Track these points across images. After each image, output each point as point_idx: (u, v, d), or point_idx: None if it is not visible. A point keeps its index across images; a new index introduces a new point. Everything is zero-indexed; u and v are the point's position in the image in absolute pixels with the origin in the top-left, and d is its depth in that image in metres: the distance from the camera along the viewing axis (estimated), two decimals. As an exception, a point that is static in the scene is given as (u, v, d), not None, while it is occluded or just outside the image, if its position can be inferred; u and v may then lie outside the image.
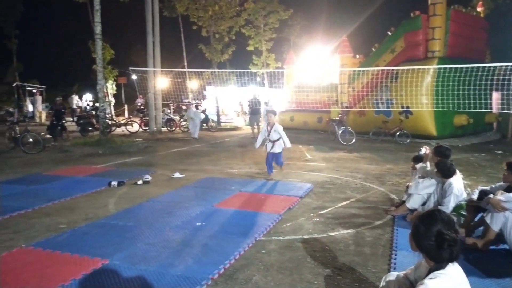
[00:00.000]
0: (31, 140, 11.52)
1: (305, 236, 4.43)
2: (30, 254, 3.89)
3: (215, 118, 21.02)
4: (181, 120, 19.34)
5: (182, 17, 23.72)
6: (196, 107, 16.86)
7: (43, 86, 25.36)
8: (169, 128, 18.83)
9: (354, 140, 12.75)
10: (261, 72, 24.52)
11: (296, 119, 18.45)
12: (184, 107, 27.66)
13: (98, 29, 11.97)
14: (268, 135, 7.52)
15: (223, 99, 22.65)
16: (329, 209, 5.51)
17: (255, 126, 15.54)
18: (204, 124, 19.45)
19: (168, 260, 3.74)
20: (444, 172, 4.59)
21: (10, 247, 4.08)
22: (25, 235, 4.47)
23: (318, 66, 19.09)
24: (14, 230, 4.66)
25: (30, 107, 24.06)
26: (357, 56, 17.37)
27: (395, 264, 3.63)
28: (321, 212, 5.37)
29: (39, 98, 23.89)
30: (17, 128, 12.39)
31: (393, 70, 13.60)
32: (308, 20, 28.39)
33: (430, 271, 1.96)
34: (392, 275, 2.36)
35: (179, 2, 19.72)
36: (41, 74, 34.93)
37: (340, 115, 14.27)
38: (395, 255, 3.84)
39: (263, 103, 16.38)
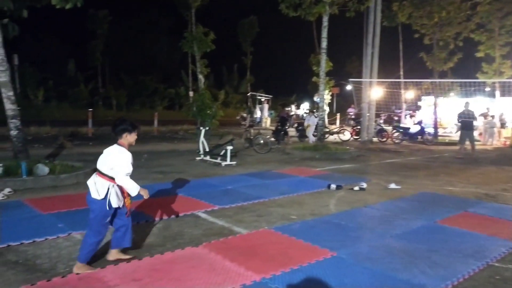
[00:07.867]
0: (261, 142, 13.44)
1: (554, 273, 3.81)
2: (273, 235, 4.69)
3: (431, 131, 19.64)
4: (394, 131, 18.88)
5: (402, 25, 23.07)
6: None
7: (270, 96, 29.02)
8: (380, 139, 18.66)
9: None
10: (490, 82, 21.46)
11: (537, 137, 15.42)
12: (396, 118, 26.95)
13: (324, 44, 13.00)
14: None
15: (442, 110, 20.93)
16: None
17: (467, 143, 13.26)
18: (419, 137, 18.47)
19: (391, 265, 3.88)
20: None
21: (257, 227, 5.01)
22: (266, 220, 5.39)
23: None
24: (258, 214, 5.67)
25: (258, 113, 27.91)
26: None
27: None
28: None
29: (266, 106, 27.51)
30: (252, 131, 14.69)
31: None
32: None
33: None
34: None
35: (402, 11, 19.28)
36: (267, 85, 40.06)
37: None
38: None
39: (480, 117, 14.14)
